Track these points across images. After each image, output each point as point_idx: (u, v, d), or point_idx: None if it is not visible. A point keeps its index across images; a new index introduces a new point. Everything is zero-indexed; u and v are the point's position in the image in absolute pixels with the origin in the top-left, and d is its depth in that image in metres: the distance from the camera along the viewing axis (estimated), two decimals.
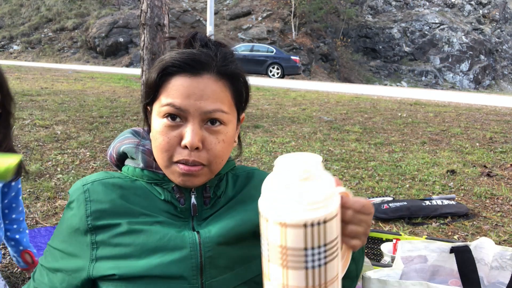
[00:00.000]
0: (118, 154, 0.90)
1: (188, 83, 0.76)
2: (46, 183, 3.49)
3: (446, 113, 7.92)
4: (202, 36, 0.83)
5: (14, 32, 28.50)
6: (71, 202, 0.83)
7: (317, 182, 0.56)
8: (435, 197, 3.30)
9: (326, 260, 0.56)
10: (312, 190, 0.55)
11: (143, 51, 5.58)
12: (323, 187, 0.56)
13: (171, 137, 0.77)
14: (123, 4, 29.35)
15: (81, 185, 0.83)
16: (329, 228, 0.56)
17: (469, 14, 29.92)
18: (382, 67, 27.72)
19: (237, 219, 0.84)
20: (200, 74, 0.77)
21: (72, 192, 0.83)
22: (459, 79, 26.84)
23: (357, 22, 28.79)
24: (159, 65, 0.79)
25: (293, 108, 7.99)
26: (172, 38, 0.86)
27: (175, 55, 0.78)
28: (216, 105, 0.77)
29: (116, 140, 0.93)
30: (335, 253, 0.58)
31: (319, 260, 0.56)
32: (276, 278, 0.58)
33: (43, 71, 14.77)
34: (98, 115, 6.31)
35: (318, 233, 0.55)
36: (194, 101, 0.75)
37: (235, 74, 0.82)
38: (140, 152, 0.86)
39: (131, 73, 15.39)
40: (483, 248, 1.23)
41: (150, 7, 5.40)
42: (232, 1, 27.58)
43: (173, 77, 0.77)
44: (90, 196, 0.81)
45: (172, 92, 0.76)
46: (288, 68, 17.53)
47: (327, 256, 0.56)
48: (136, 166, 0.85)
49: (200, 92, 0.76)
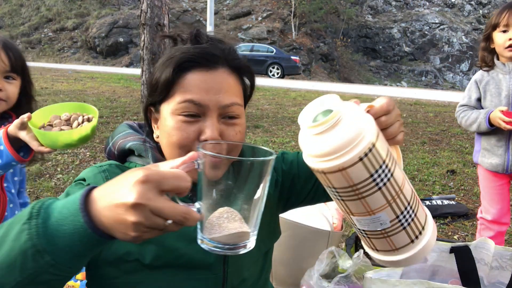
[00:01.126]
0: (121, 150, 0.86)
1: (205, 77, 0.75)
2: (46, 183, 3.49)
3: (446, 113, 7.91)
4: (205, 33, 0.83)
5: (14, 32, 28.50)
6: (83, 180, 0.79)
7: (347, 119, 0.60)
8: (435, 197, 3.30)
9: (390, 172, 0.61)
10: (347, 128, 0.59)
11: (143, 51, 5.58)
12: (355, 119, 0.60)
13: (190, 132, 0.75)
14: (123, 4, 29.35)
15: (96, 167, 0.80)
16: (379, 146, 0.60)
17: (469, 14, 29.93)
18: (382, 67, 27.72)
19: None
20: (215, 67, 0.76)
21: (86, 173, 0.80)
22: (459, 79, 26.85)
23: (357, 22, 28.79)
24: (172, 61, 0.76)
25: (293, 108, 7.99)
26: (168, 37, 0.85)
27: (188, 50, 0.77)
28: (232, 99, 0.77)
29: (115, 136, 0.89)
30: (393, 159, 0.63)
31: (386, 176, 0.60)
32: (358, 210, 0.63)
33: (43, 71, 14.76)
34: (98, 115, 6.31)
35: (373, 157, 0.59)
36: (213, 95, 0.75)
37: (246, 67, 0.82)
38: (149, 149, 0.83)
39: (131, 73, 15.38)
40: (483, 248, 1.23)
41: (150, 7, 5.40)
42: (232, 1, 27.59)
43: (188, 72, 0.76)
44: (109, 176, 0.78)
45: (190, 88, 0.75)
46: (288, 68, 17.53)
47: (389, 168, 0.61)
48: (145, 164, 0.82)
49: (218, 85, 0.75)
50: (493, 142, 2.04)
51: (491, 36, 2.00)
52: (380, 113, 0.65)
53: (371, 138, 0.59)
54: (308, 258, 1.78)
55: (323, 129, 0.59)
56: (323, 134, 0.59)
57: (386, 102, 0.66)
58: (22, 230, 0.52)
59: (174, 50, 0.79)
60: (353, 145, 0.58)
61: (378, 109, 0.65)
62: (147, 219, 0.49)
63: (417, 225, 0.66)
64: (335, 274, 1.33)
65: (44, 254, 0.52)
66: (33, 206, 0.54)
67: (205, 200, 0.57)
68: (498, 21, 1.94)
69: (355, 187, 0.60)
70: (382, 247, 0.67)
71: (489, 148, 2.06)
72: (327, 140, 0.59)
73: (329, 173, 0.60)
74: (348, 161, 0.58)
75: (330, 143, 0.59)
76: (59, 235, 0.52)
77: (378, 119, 0.65)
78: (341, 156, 0.58)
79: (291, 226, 1.85)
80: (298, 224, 1.86)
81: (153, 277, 0.76)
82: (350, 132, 0.58)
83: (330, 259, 1.38)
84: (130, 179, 0.50)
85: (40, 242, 0.52)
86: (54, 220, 0.53)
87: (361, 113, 0.62)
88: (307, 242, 1.86)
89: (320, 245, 1.85)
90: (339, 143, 0.58)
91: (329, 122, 0.58)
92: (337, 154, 0.58)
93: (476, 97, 2.10)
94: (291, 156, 0.99)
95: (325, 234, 1.87)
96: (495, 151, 2.04)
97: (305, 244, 1.86)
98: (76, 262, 0.54)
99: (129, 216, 0.49)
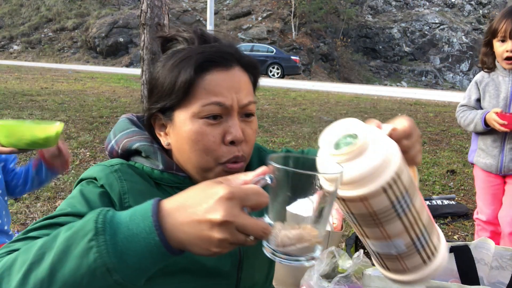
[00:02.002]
0: (126, 151, 0.81)
1: (225, 77, 0.73)
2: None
3: (446, 113, 7.91)
4: (207, 31, 0.81)
5: (14, 32, 28.49)
6: (94, 179, 0.74)
7: (372, 148, 0.58)
8: (435, 197, 3.30)
9: (411, 199, 0.60)
10: (372, 158, 0.57)
11: (143, 51, 5.57)
12: (379, 148, 0.58)
13: (216, 135, 0.73)
14: (123, 4, 29.35)
15: (106, 166, 0.76)
16: (403, 175, 0.59)
17: (469, 14, 29.92)
18: (382, 67, 27.71)
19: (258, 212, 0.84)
20: (232, 66, 0.75)
21: (96, 172, 0.74)
22: (459, 79, 26.84)
23: (357, 22, 28.78)
24: (190, 62, 0.72)
25: (293, 108, 7.99)
26: (164, 38, 0.81)
27: (204, 50, 0.73)
28: (249, 97, 0.76)
29: (118, 133, 0.84)
30: (413, 185, 0.62)
31: (406, 203, 0.59)
32: (374, 236, 0.62)
33: (43, 71, 14.76)
34: (98, 115, 6.31)
35: (397, 186, 0.58)
36: (234, 95, 0.73)
37: (256, 64, 0.81)
38: (158, 151, 0.78)
39: (131, 73, 15.38)
40: (483, 248, 1.23)
41: (150, 7, 5.40)
42: (232, 1, 27.58)
43: (207, 73, 0.72)
44: (123, 176, 0.74)
45: (213, 89, 0.72)
46: (288, 68, 17.53)
47: (410, 195, 0.60)
48: (153, 167, 0.78)
49: (237, 85, 0.74)
50: (488, 142, 2.06)
51: (491, 42, 2.01)
52: (403, 137, 0.65)
53: (395, 168, 0.57)
54: None
55: (347, 158, 0.57)
56: (346, 162, 0.57)
57: (408, 125, 0.66)
58: (90, 247, 0.49)
59: (187, 51, 0.74)
60: (377, 176, 0.56)
61: (401, 134, 0.65)
62: (232, 236, 0.49)
63: (430, 247, 0.66)
64: (335, 274, 1.33)
65: (114, 272, 0.49)
66: (95, 220, 0.51)
67: (275, 213, 0.56)
68: (497, 28, 1.95)
69: (374, 215, 0.59)
70: (394, 267, 0.67)
71: (485, 148, 2.08)
72: (350, 169, 0.57)
73: (349, 201, 0.59)
74: (371, 192, 0.56)
75: (354, 172, 0.57)
76: (129, 252, 0.49)
77: (400, 142, 0.64)
78: (363, 186, 0.57)
79: None
80: None
81: (165, 281, 0.73)
82: (375, 162, 0.57)
83: (330, 259, 1.39)
84: (212, 194, 0.49)
85: (111, 261, 0.49)
86: (123, 237, 0.50)
87: (385, 140, 0.60)
88: None
89: None
90: (362, 173, 0.57)
91: (353, 152, 0.57)
92: (360, 184, 0.57)
93: (475, 98, 2.12)
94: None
95: (325, 234, 1.87)
96: (490, 152, 2.05)
97: None
98: (141, 278, 0.52)
99: (215, 233, 0.48)
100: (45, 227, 0.63)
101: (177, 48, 0.77)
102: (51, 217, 0.65)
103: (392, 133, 0.64)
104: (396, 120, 0.69)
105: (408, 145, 0.65)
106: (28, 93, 8.07)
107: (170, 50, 0.78)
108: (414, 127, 0.67)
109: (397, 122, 0.68)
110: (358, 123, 0.61)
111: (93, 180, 0.74)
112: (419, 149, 0.68)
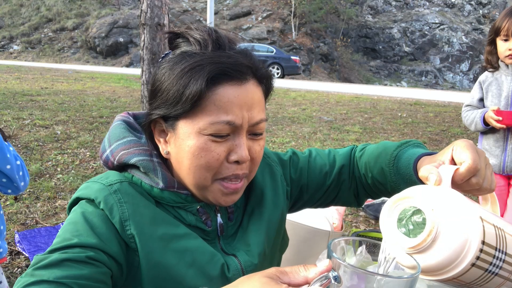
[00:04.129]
0: (123, 163, 0.75)
1: (238, 93, 0.66)
2: (46, 183, 3.48)
3: (446, 113, 7.92)
4: (222, 34, 0.71)
5: (14, 32, 28.50)
6: (92, 200, 0.70)
7: (447, 229, 0.52)
8: None
9: (504, 252, 0.55)
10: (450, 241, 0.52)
11: (143, 51, 5.58)
12: (455, 226, 0.52)
13: (221, 153, 0.67)
14: (123, 4, 29.35)
15: (105, 185, 0.70)
16: (488, 238, 0.53)
17: (469, 14, 29.93)
18: (382, 67, 27.72)
19: (265, 226, 0.80)
20: (247, 80, 0.68)
21: (94, 192, 0.69)
22: (459, 79, 26.86)
23: (357, 22, 28.79)
24: (202, 72, 0.64)
25: (293, 108, 7.99)
26: (175, 34, 0.73)
27: (219, 59, 0.66)
28: (261, 115, 0.70)
29: (114, 141, 0.77)
30: (501, 235, 0.56)
31: (500, 260, 0.55)
32: None
33: (43, 71, 14.76)
34: (98, 115, 6.31)
35: (486, 254, 0.53)
36: (245, 112, 0.67)
37: (270, 76, 0.74)
38: (158, 168, 0.72)
39: (131, 73, 15.38)
40: None
41: (150, 7, 5.40)
42: (232, 1, 27.58)
43: (220, 86, 0.65)
44: (122, 198, 0.69)
45: (223, 106, 0.65)
46: (288, 68, 17.53)
47: (502, 249, 0.55)
48: (153, 185, 0.72)
49: (250, 101, 0.68)
50: (491, 142, 2.07)
51: (495, 41, 2.02)
52: (469, 176, 0.59)
53: (478, 240, 0.52)
54: (308, 258, 1.78)
55: (422, 248, 0.53)
56: (423, 253, 0.53)
57: (471, 158, 0.59)
58: None
59: (199, 57, 0.66)
60: (462, 256, 0.52)
61: (466, 174, 0.59)
62: None
63: None
64: None
65: None
66: None
67: None
68: (500, 27, 1.95)
69: (471, 285, 0.55)
70: None
71: (488, 148, 2.09)
72: (429, 258, 0.53)
73: (438, 281, 0.56)
74: (459, 272, 0.52)
75: (434, 261, 0.53)
76: None
77: (469, 181, 0.59)
78: (450, 270, 0.53)
79: (291, 226, 1.85)
80: (298, 224, 1.86)
81: None
82: (455, 245, 0.51)
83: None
84: None
85: None
86: None
87: (459, 209, 0.53)
88: (307, 242, 1.86)
89: (320, 245, 1.85)
90: (445, 260, 0.52)
91: (426, 242, 0.52)
92: (445, 270, 0.53)
93: (478, 98, 2.13)
94: (301, 161, 0.92)
95: (325, 234, 1.87)
96: (493, 151, 2.06)
97: (305, 244, 1.86)
98: None
99: None
100: (56, 265, 0.59)
101: (188, 51, 0.69)
102: (58, 249, 0.62)
103: (456, 176, 0.58)
104: (455, 151, 0.63)
105: (478, 182, 0.59)
106: (28, 93, 8.08)
107: (179, 50, 0.71)
108: (476, 155, 0.60)
109: (456, 154, 0.61)
110: (420, 194, 0.55)
111: (92, 201, 0.69)
112: (490, 175, 0.61)
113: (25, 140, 4.66)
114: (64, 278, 0.57)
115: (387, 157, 0.81)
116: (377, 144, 0.88)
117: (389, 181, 0.81)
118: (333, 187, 0.91)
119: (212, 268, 0.70)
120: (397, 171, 0.79)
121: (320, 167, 0.91)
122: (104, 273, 0.63)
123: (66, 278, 0.58)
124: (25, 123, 5.43)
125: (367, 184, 0.89)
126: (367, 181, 0.88)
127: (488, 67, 2.10)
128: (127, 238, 0.67)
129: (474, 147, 0.63)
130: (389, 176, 0.80)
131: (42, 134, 4.96)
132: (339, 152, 0.94)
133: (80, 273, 0.59)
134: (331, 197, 0.93)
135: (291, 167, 0.91)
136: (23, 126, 5.28)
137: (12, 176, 1.43)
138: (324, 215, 1.94)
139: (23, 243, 2.47)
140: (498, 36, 1.97)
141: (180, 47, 0.71)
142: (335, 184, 0.91)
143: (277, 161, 0.90)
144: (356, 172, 0.91)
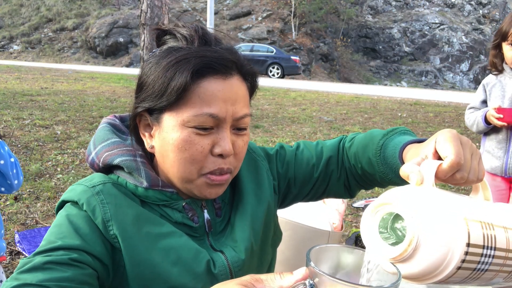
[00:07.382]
0: (107, 165, 0.76)
1: (222, 87, 0.68)
2: (46, 183, 3.48)
3: (446, 113, 7.92)
4: (208, 31, 0.74)
5: (14, 32, 28.50)
6: (75, 202, 0.71)
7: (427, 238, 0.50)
8: None
9: (493, 247, 0.53)
10: (433, 249, 0.50)
11: (143, 51, 5.58)
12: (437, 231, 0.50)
13: (204, 145, 0.68)
14: (123, 4, 29.35)
15: (87, 187, 0.71)
16: (474, 237, 0.51)
17: (469, 14, 29.93)
18: (382, 67, 27.72)
19: (249, 221, 0.80)
20: (231, 75, 0.69)
21: (77, 194, 0.70)
22: (459, 79, 26.85)
23: (357, 22, 28.78)
24: (187, 65, 0.66)
25: (293, 108, 7.99)
26: (164, 31, 0.75)
27: (205, 53, 0.68)
28: (245, 110, 0.71)
29: (98, 144, 0.78)
30: (490, 229, 0.54)
31: (490, 256, 0.53)
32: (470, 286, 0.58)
33: (43, 71, 14.76)
34: (98, 115, 6.31)
35: (472, 254, 0.51)
36: (230, 107, 0.68)
37: (255, 73, 0.76)
38: (142, 167, 0.73)
39: (131, 73, 15.38)
40: None
41: (150, 7, 5.40)
42: (232, 1, 27.58)
43: (204, 79, 0.67)
44: (105, 199, 0.70)
45: (207, 99, 0.67)
46: (288, 68, 17.53)
47: (491, 245, 0.53)
48: (137, 185, 0.73)
49: (234, 96, 0.69)
50: (494, 144, 2.06)
51: (500, 44, 2.00)
52: (452, 171, 0.56)
53: (463, 244, 0.50)
54: None
55: (403, 259, 0.52)
56: (406, 262, 0.52)
57: (455, 153, 0.56)
58: None
59: (185, 51, 0.68)
60: (445, 263, 0.50)
61: (449, 170, 0.56)
62: None
63: None
64: None
65: None
66: None
67: None
68: (507, 32, 1.93)
69: (460, 282, 0.55)
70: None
71: (490, 150, 2.08)
72: (412, 267, 0.52)
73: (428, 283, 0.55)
74: (446, 276, 0.51)
75: (417, 269, 0.52)
76: None
77: (453, 176, 0.57)
78: (435, 276, 0.52)
79: (291, 226, 1.85)
80: (298, 224, 1.86)
81: None
82: (437, 253, 0.50)
83: None
84: None
85: None
86: None
87: (441, 214, 0.51)
88: (307, 242, 1.86)
89: None
90: (428, 268, 0.51)
91: (407, 252, 0.51)
92: (430, 276, 0.52)
93: (481, 99, 2.14)
94: (288, 155, 0.91)
95: (325, 234, 1.87)
96: (495, 153, 2.05)
97: (305, 244, 1.86)
98: None
99: None
100: (40, 269, 0.60)
101: (174, 46, 0.71)
102: (42, 252, 0.63)
103: (439, 172, 0.56)
104: (438, 143, 0.60)
105: (463, 176, 0.57)
106: (28, 93, 8.08)
107: (166, 46, 0.72)
108: (460, 148, 0.57)
109: (439, 146, 0.59)
110: (400, 199, 0.53)
111: (76, 203, 0.70)
112: (478, 164, 0.59)
113: (25, 140, 4.66)
114: (47, 281, 0.59)
115: (374, 146, 0.80)
116: (366, 133, 0.86)
117: (378, 171, 0.80)
118: (321, 179, 0.90)
119: (197, 265, 0.71)
120: (384, 161, 0.77)
121: (307, 160, 0.90)
122: (89, 274, 0.63)
123: (49, 281, 0.59)
124: (25, 123, 5.43)
125: (357, 174, 0.88)
126: (357, 171, 0.87)
127: (492, 70, 2.09)
128: (110, 238, 0.68)
129: (458, 137, 0.60)
130: (376, 166, 0.79)
131: (42, 134, 4.96)
132: (327, 144, 0.92)
133: (63, 275, 0.60)
134: (321, 189, 0.92)
135: (277, 161, 0.91)
136: (23, 126, 5.28)
137: (5, 172, 1.43)
138: (324, 215, 1.94)
139: (23, 243, 2.47)
140: (505, 41, 1.95)
141: (167, 43, 0.73)
142: (323, 176, 0.89)
143: (263, 155, 0.89)
144: (346, 162, 0.89)
